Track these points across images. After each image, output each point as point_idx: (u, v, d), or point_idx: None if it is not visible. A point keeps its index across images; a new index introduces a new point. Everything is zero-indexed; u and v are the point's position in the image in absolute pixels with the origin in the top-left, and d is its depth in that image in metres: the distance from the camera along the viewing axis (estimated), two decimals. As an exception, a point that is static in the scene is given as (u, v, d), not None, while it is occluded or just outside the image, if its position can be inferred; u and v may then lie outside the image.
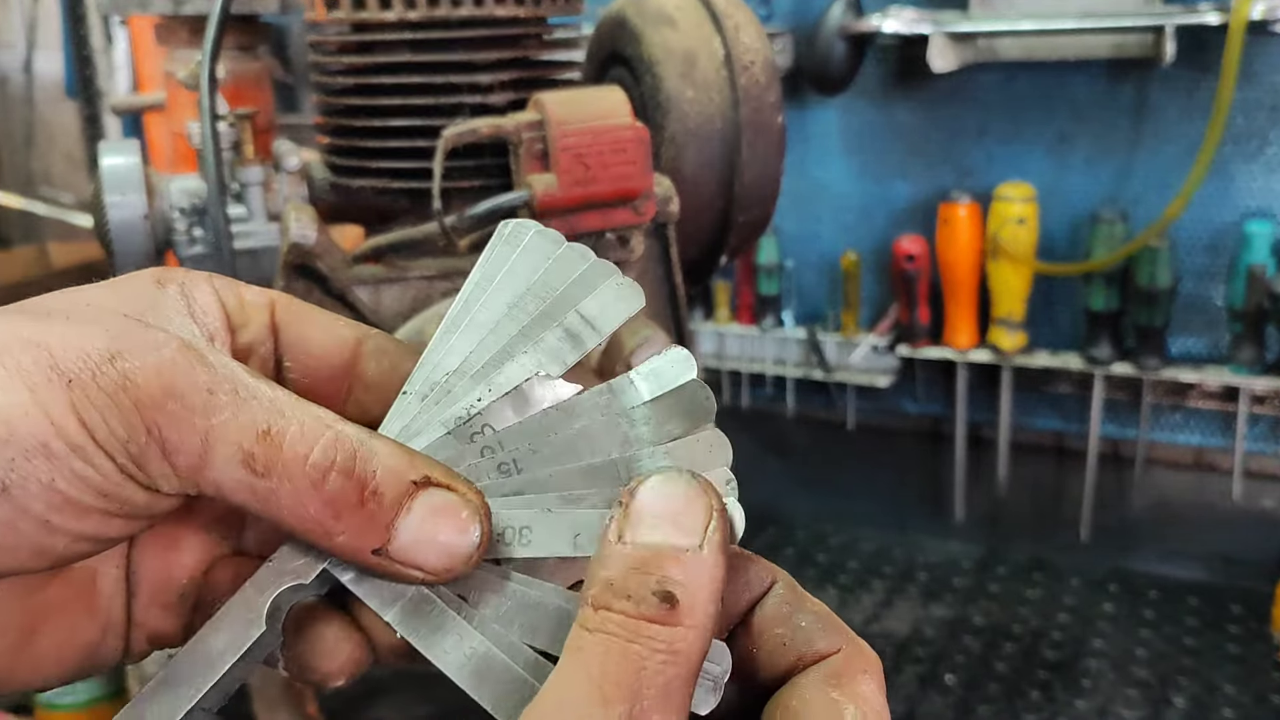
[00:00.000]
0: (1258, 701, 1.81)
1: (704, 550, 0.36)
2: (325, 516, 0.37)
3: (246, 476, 0.37)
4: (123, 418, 0.36)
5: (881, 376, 2.35)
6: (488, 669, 0.38)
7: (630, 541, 0.36)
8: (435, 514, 0.38)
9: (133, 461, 0.36)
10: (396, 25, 1.24)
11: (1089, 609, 2.10)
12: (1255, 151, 2.03)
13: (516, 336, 0.42)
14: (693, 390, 0.41)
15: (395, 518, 0.38)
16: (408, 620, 0.39)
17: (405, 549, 0.38)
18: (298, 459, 0.37)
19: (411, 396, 0.42)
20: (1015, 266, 2.11)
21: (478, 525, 0.39)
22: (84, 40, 3.36)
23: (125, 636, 0.42)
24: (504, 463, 0.41)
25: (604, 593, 0.35)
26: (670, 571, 0.35)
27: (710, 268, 1.53)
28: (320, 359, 0.44)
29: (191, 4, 1.62)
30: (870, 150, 2.33)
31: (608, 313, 0.43)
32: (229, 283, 0.43)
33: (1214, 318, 2.11)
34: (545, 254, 0.43)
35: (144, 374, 0.36)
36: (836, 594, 2.19)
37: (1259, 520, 2.15)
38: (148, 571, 0.43)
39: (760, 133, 1.39)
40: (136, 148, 1.33)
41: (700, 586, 0.35)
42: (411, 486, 0.38)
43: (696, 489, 0.37)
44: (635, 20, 1.41)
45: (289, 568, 0.39)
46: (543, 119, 1.17)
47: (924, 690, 1.88)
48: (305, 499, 0.37)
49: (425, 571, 0.38)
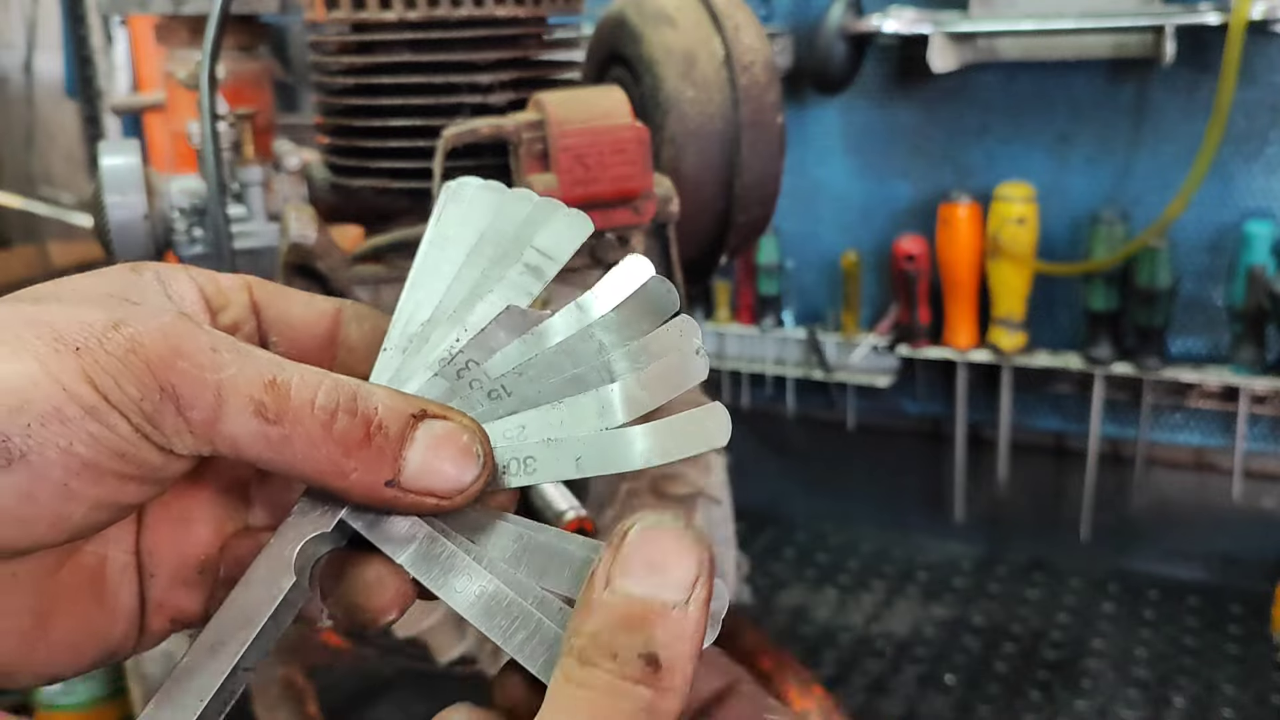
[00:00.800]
0: (1258, 702, 1.81)
1: (689, 608, 0.36)
2: (338, 455, 0.39)
3: (260, 425, 0.38)
4: (135, 378, 0.37)
5: (881, 376, 2.36)
6: (497, 605, 0.39)
7: (619, 592, 0.37)
8: (438, 441, 0.40)
9: (148, 420, 0.37)
10: (396, 25, 1.24)
11: (1089, 609, 2.10)
12: (1255, 151, 2.03)
13: (480, 279, 0.45)
14: (651, 287, 0.43)
15: (402, 449, 0.40)
16: (420, 562, 0.40)
17: (416, 476, 0.40)
18: (305, 404, 0.39)
19: (392, 351, 0.44)
20: (1015, 266, 2.11)
21: (479, 446, 0.41)
22: (84, 40, 3.36)
23: (139, 622, 0.43)
24: (493, 390, 0.43)
25: (590, 648, 0.36)
26: (655, 632, 0.36)
27: (710, 267, 1.53)
28: (303, 330, 0.45)
29: (191, 4, 1.62)
30: (870, 150, 2.33)
31: (561, 242, 0.45)
32: (203, 271, 0.45)
33: (1214, 318, 2.11)
34: (491, 203, 0.46)
35: (150, 336, 0.37)
36: (836, 594, 2.19)
37: (1259, 520, 2.15)
38: (163, 551, 0.43)
39: (760, 133, 1.39)
40: (136, 148, 1.33)
41: (682, 647, 0.36)
42: (411, 419, 0.40)
43: (689, 540, 0.38)
44: (635, 20, 1.41)
45: (308, 519, 0.41)
46: (543, 119, 1.17)
47: (924, 690, 1.88)
48: (317, 440, 0.38)
49: (438, 496, 0.40)
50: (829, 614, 2.12)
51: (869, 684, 1.90)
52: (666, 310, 0.43)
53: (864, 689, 1.88)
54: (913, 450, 2.46)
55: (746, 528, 2.28)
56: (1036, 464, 2.33)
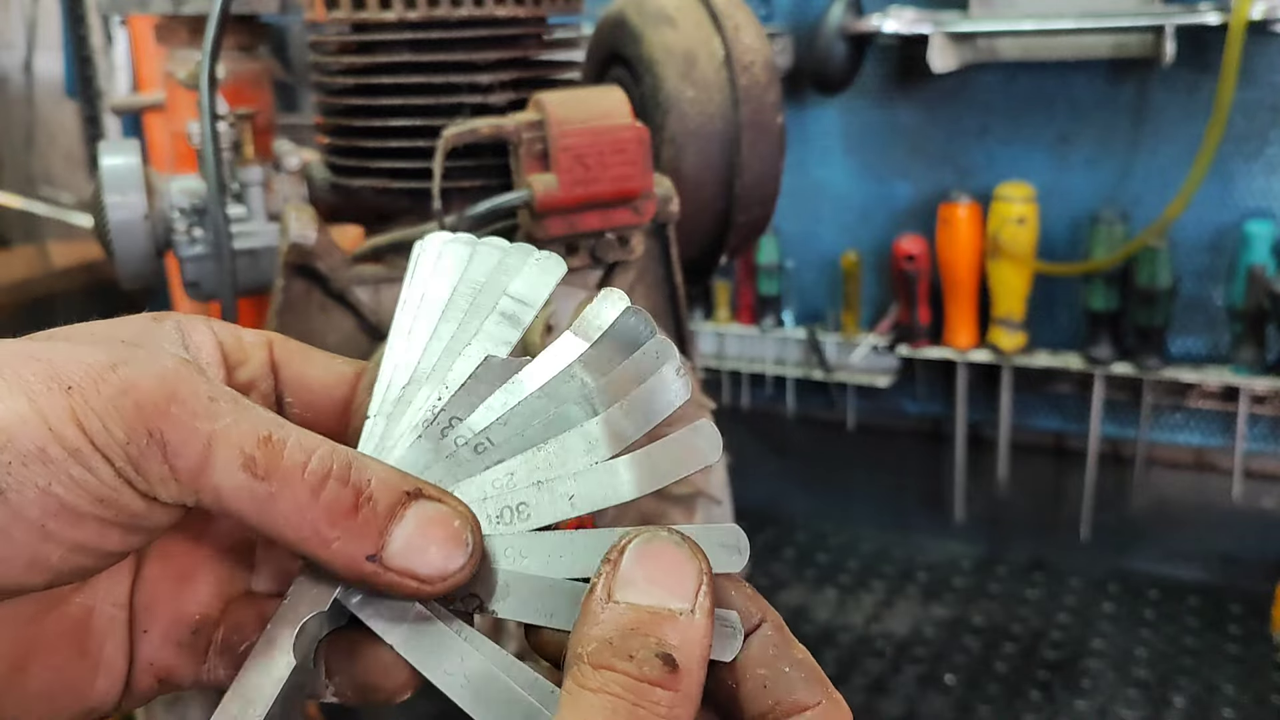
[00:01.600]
0: (1258, 702, 1.81)
1: (696, 615, 0.36)
2: (322, 522, 0.38)
3: (247, 481, 0.37)
4: (123, 421, 0.36)
5: (881, 376, 2.35)
6: (488, 689, 0.39)
7: (623, 601, 0.36)
8: (428, 523, 0.39)
9: (131, 465, 0.36)
10: (396, 25, 1.24)
11: (1089, 609, 2.10)
12: (1255, 151, 2.03)
13: (457, 333, 0.44)
14: (624, 320, 0.43)
15: (389, 525, 0.39)
16: (409, 642, 0.40)
17: (399, 555, 0.38)
18: (297, 466, 0.38)
19: (377, 418, 0.43)
20: (1015, 266, 2.11)
21: (469, 534, 0.39)
22: (84, 40, 3.36)
23: (124, 680, 0.42)
24: (479, 444, 0.42)
25: (604, 652, 0.35)
26: (667, 635, 0.36)
27: (710, 267, 1.53)
28: (321, 394, 0.45)
29: (191, 4, 1.62)
30: (870, 150, 2.33)
31: (535, 287, 0.45)
32: (226, 324, 0.44)
33: (1214, 318, 2.11)
34: (462, 256, 0.46)
35: (146, 379, 0.37)
36: (836, 594, 2.19)
37: (1259, 520, 2.15)
38: (159, 607, 0.42)
39: (760, 133, 1.39)
40: (136, 148, 1.33)
41: (694, 650, 0.36)
42: (405, 496, 0.39)
43: (685, 551, 0.38)
44: (635, 20, 1.41)
45: (305, 598, 0.40)
46: (543, 119, 1.17)
47: (924, 690, 1.88)
48: (303, 504, 0.38)
49: (419, 580, 0.39)
50: (829, 614, 2.12)
51: (869, 684, 1.90)
52: (640, 339, 0.42)
53: (864, 689, 1.88)
54: (913, 450, 2.46)
55: (746, 528, 2.27)
56: (1036, 464, 2.33)
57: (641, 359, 0.42)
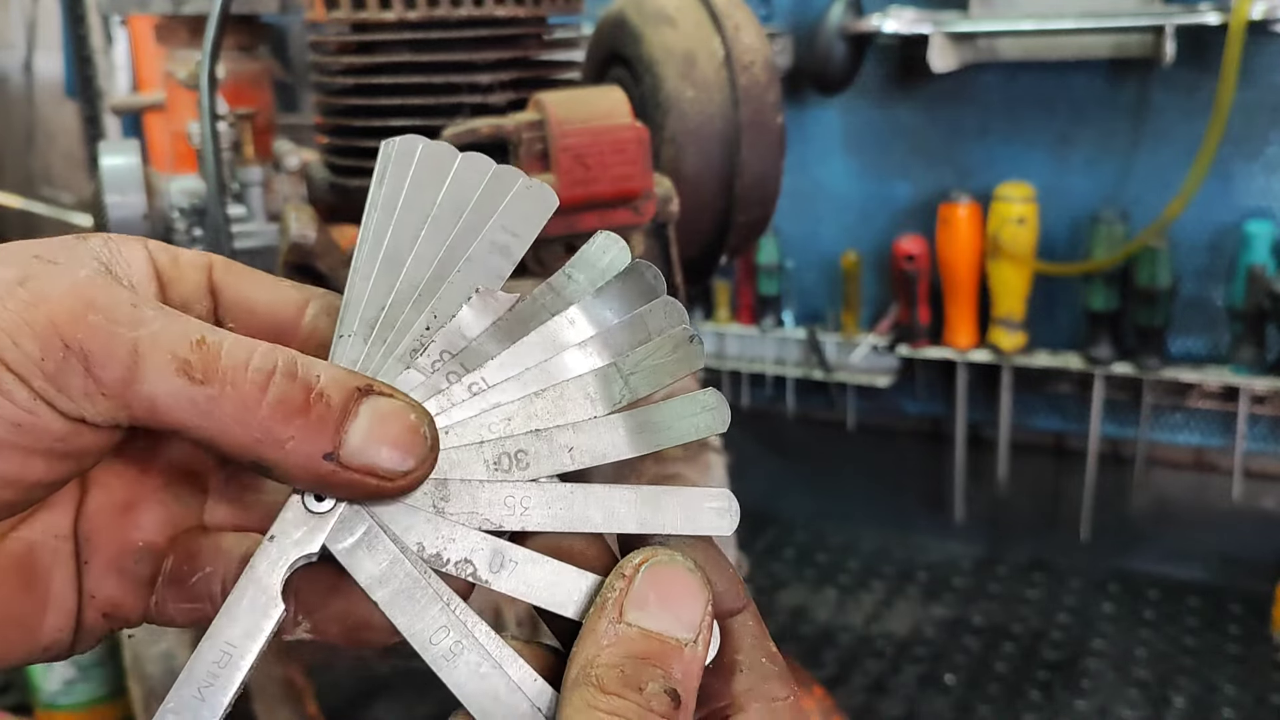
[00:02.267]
0: (1258, 702, 1.81)
1: (698, 647, 0.37)
2: (274, 421, 0.35)
3: (184, 386, 0.35)
4: (36, 336, 0.33)
5: (881, 376, 2.35)
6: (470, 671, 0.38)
7: (634, 625, 0.37)
8: (384, 418, 0.37)
9: (50, 383, 0.33)
10: (396, 25, 1.24)
11: (1089, 609, 2.10)
12: (1255, 151, 2.03)
13: (444, 258, 0.41)
14: (636, 269, 0.41)
15: (345, 421, 0.36)
16: (396, 604, 0.38)
17: (358, 452, 0.36)
18: (238, 364, 0.35)
19: (353, 338, 0.40)
20: (1015, 266, 2.11)
21: (427, 429, 0.38)
22: (84, 40, 3.36)
23: (74, 616, 0.39)
24: (474, 384, 0.40)
25: (615, 679, 0.36)
26: (674, 668, 0.36)
27: (710, 268, 1.53)
28: (265, 318, 0.41)
29: (191, 4, 1.62)
30: (870, 150, 2.33)
31: (528, 218, 0.42)
32: (166, 245, 0.41)
33: (1214, 318, 2.11)
34: (442, 169, 0.42)
35: (57, 291, 0.34)
36: (836, 594, 2.19)
37: (1259, 520, 2.15)
38: (100, 537, 0.40)
39: (760, 133, 1.39)
40: (136, 148, 1.33)
41: (692, 684, 0.37)
42: (356, 392, 0.37)
43: (698, 581, 0.38)
44: (635, 20, 1.41)
45: (292, 540, 0.38)
46: (543, 119, 1.17)
47: (924, 690, 1.88)
48: (251, 404, 0.35)
49: (379, 476, 0.37)
50: (829, 614, 2.12)
51: (869, 684, 1.90)
52: (652, 293, 0.41)
53: (864, 689, 1.88)
54: (913, 450, 2.46)
55: (746, 528, 2.27)
56: (1036, 464, 2.33)
57: (652, 315, 0.40)
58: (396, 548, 0.38)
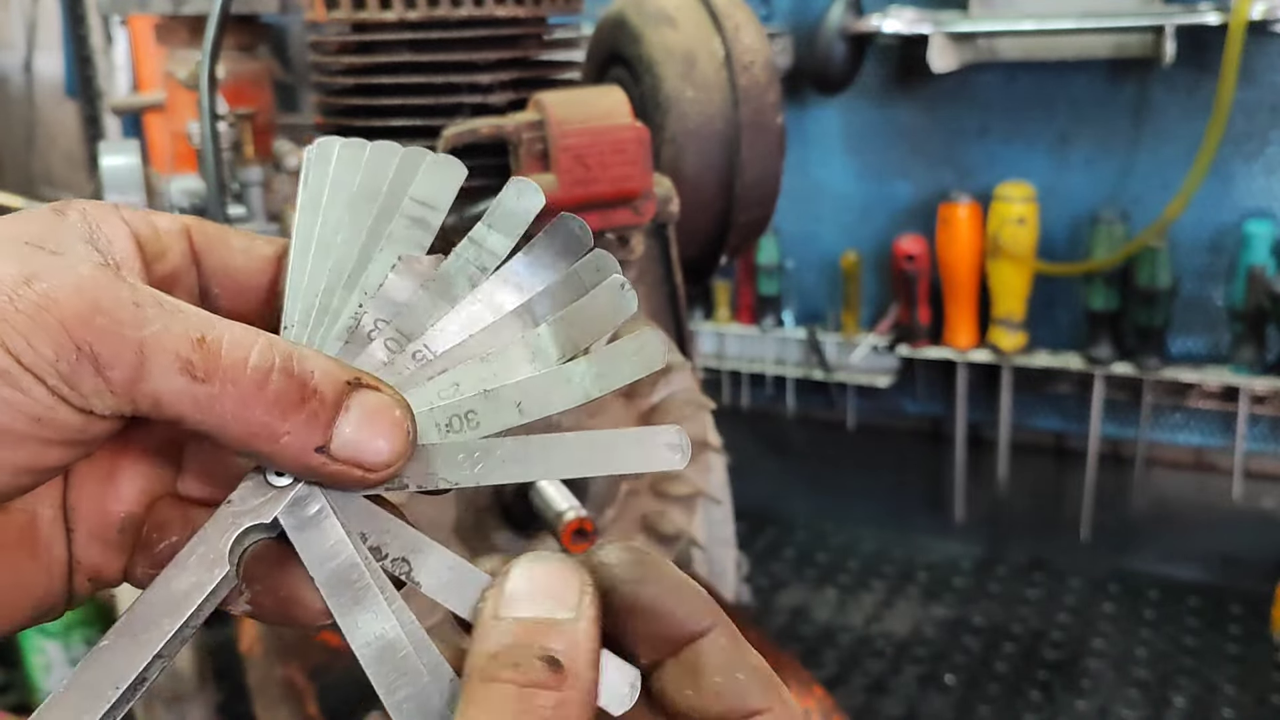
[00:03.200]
0: (1258, 702, 1.81)
1: (580, 622, 0.37)
2: (272, 416, 0.37)
3: (187, 384, 0.37)
4: (49, 338, 0.35)
5: (881, 376, 2.36)
6: (391, 655, 0.38)
7: (509, 617, 0.37)
8: (371, 412, 0.39)
9: (65, 382, 0.35)
10: (396, 25, 1.24)
11: (1089, 609, 2.10)
12: (1255, 151, 2.03)
13: (367, 240, 0.43)
14: (563, 223, 0.42)
15: (336, 415, 0.38)
16: (333, 584, 0.39)
17: (346, 446, 0.38)
18: (238, 363, 0.37)
19: (294, 328, 0.42)
20: (1015, 266, 2.11)
21: (410, 423, 0.40)
22: (84, 40, 3.36)
23: (67, 581, 0.42)
24: (417, 352, 0.42)
25: (490, 665, 0.36)
26: (551, 641, 0.37)
27: (710, 267, 1.53)
28: (245, 281, 0.44)
29: (191, 4, 1.62)
30: (870, 150, 2.33)
31: (439, 189, 0.44)
32: (141, 212, 0.42)
33: (1214, 318, 2.11)
34: (356, 159, 0.44)
35: (64, 292, 0.35)
36: (836, 594, 2.19)
37: (1259, 520, 2.15)
38: (85, 507, 0.42)
39: (760, 133, 1.39)
40: (136, 148, 1.33)
41: (580, 653, 0.37)
42: (347, 387, 0.39)
43: (569, 566, 0.38)
44: (635, 20, 1.41)
45: (248, 507, 0.39)
46: (543, 119, 1.17)
47: (924, 690, 1.88)
48: (250, 400, 0.37)
49: (364, 469, 0.39)
50: (829, 614, 2.12)
51: (869, 684, 1.90)
52: (580, 246, 0.42)
53: (864, 689, 1.88)
54: (913, 450, 2.46)
55: (747, 528, 2.28)
56: (1036, 464, 2.33)
57: (584, 270, 0.42)
58: (344, 531, 0.40)
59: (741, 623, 1.43)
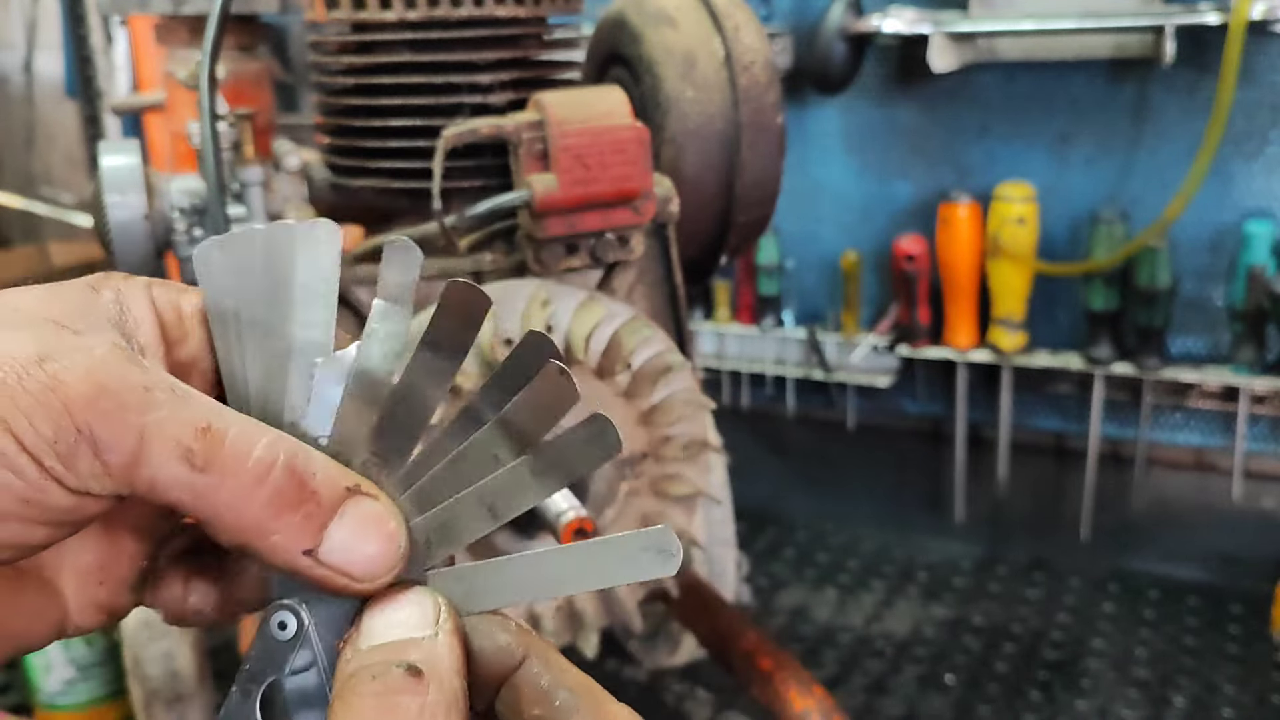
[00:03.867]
0: (1258, 702, 1.81)
1: (439, 635, 0.38)
2: (265, 515, 0.37)
3: (185, 472, 0.36)
4: (50, 418, 0.35)
5: (881, 376, 2.36)
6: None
7: (368, 647, 0.38)
8: (366, 521, 0.39)
9: (60, 462, 0.35)
10: (396, 25, 1.24)
11: (1089, 609, 2.10)
12: (1255, 151, 2.03)
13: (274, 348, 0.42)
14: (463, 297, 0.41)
15: (330, 520, 0.38)
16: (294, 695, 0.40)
17: (335, 552, 0.38)
18: (240, 455, 0.37)
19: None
20: (1015, 266, 2.11)
21: (403, 537, 0.40)
22: (84, 40, 3.36)
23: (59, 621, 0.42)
24: (364, 460, 0.41)
25: (349, 683, 0.37)
26: (410, 654, 0.37)
27: (710, 267, 1.53)
28: None
29: (191, 4, 1.62)
30: (870, 150, 2.34)
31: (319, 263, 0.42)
32: (169, 289, 0.42)
33: (1214, 318, 2.11)
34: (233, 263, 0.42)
35: (73, 374, 0.36)
36: (836, 594, 2.19)
37: (1259, 520, 2.15)
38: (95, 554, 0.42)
39: (760, 133, 1.39)
40: (136, 148, 1.33)
41: (440, 662, 0.37)
42: (346, 492, 0.39)
43: (422, 593, 0.39)
44: (635, 20, 1.41)
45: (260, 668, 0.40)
46: (543, 119, 1.18)
47: (924, 690, 1.88)
48: (247, 495, 0.37)
49: (350, 578, 0.39)
50: (829, 614, 2.12)
51: (869, 684, 1.90)
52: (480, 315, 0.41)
53: (864, 689, 1.88)
54: (913, 450, 2.46)
55: (747, 528, 2.28)
56: (1037, 464, 2.33)
57: (522, 354, 0.41)
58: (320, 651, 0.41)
59: (741, 623, 1.43)
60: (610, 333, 1.19)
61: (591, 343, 1.18)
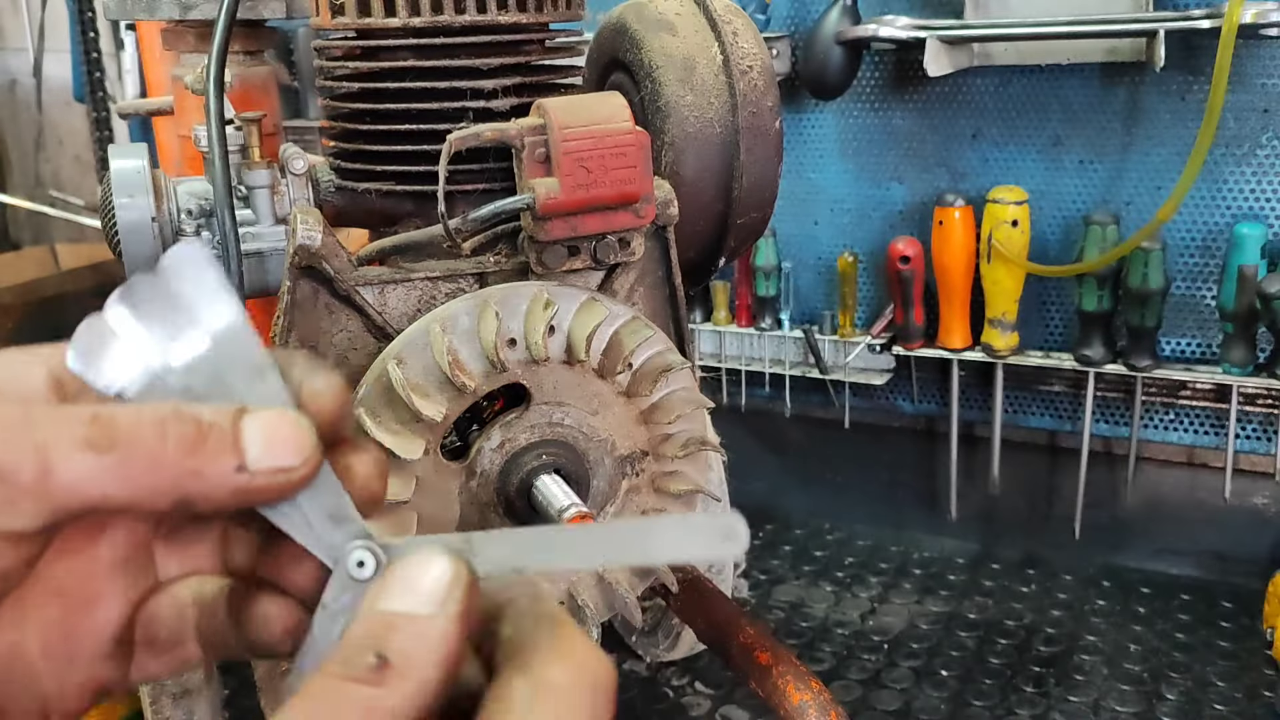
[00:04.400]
0: (1249, 696, 1.84)
1: (437, 619, 0.38)
2: (183, 456, 0.39)
3: (94, 460, 0.37)
4: None
5: (877, 376, 2.38)
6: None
7: (375, 610, 0.39)
8: (269, 425, 0.41)
9: None
10: (401, 31, 1.26)
11: (1082, 605, 2.13)
12: (1246, 154, 2.05)
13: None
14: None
15: (239, 438, 0.40)
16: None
17: (260, 458, 0.40)
18: (134, 424, 0.39)
19: None
20: (1008, 268, 2.14)
21: (306, 424, 0.41)
22: (93, 45, 3.38)
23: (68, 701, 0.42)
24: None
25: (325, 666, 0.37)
26: (394, 637, 0.37)
27: (709, 269, 1.55)
28: None
29: (199, 9, 1.64)
30: (866, 154, 2.36)
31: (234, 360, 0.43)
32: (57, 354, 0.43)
33: (1205, 318, 2.14)
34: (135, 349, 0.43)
35: None
36: (833, 590, 2.22)
37: (1250, 517, 2.18)
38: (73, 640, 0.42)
39: (758, 137, 1.41)
40: (145, 151, 1.35)
41: (420, 651, 0.37)
42: (237, 413, 0.41)
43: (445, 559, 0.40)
44: (635, 26, 1.43)
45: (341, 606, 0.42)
46: (545, 124, 1.20)
47: (919, 685, 1.90)
48: (159, 451, 0.38)
49: (286, 471, 0.40)
50: (825, 609, 2.15)
51: (865, 678, 1.92)
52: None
53: (860, 683, 1.91)
54: (908, 448, 2.48)
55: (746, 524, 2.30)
56: (1029, 462, 2.35)
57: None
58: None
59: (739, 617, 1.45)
60: (611, 333, 1.22)
61: (593, 343, 1.20)
